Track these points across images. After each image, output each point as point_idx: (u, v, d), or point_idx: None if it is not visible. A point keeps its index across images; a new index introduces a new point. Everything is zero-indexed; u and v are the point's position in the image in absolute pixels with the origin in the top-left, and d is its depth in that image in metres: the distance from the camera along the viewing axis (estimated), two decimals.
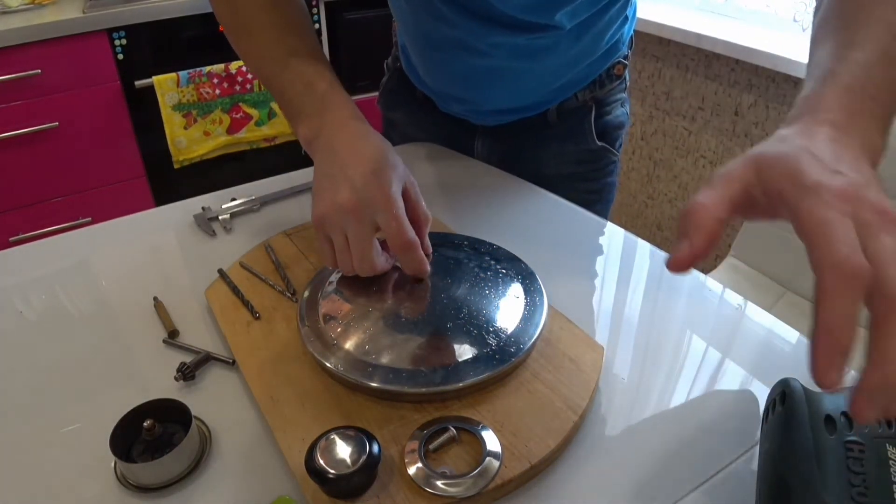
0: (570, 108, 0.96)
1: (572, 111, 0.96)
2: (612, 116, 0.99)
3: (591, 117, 0.96)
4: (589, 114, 0.96)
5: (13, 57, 1.62)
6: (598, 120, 0.97)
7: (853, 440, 0.45)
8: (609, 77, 0.95)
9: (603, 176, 1.03)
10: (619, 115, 1.00)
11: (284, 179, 1.00)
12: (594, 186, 1.03)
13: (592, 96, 0.95)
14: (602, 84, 0.95)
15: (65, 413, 0.60)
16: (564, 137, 0.98)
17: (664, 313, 0.72)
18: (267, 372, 0.62)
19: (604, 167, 1.02)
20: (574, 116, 0.96)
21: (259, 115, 1.93)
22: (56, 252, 0.86)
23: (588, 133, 0.97)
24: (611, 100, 0.98)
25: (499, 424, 0.55)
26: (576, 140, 0.98)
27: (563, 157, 1.00)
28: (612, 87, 0.97)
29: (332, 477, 0.48)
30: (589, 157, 1.00)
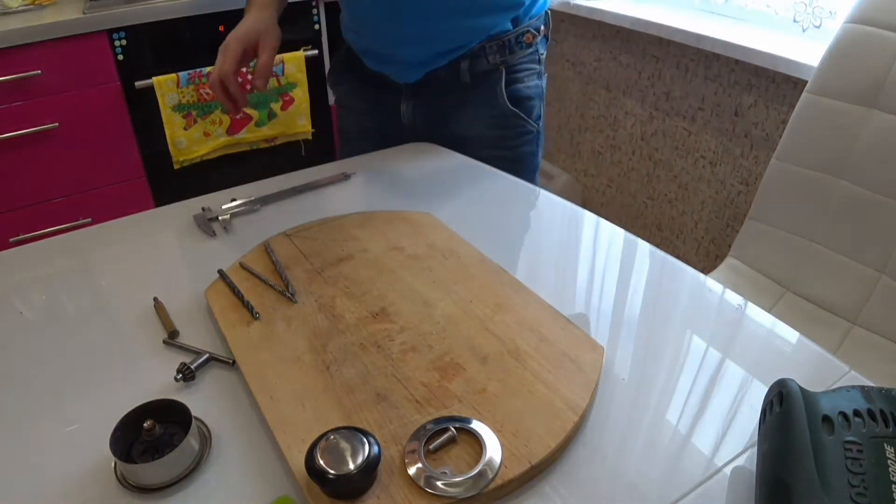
0: (482, 71, 1.03)
1: (485, 74, 1.04)
2: (524, 85, 1.06)
3: (501, 82, 1.04)
4: (500, 78, 1.04)
5: (13, 57, 1.62)
6: (510, 86, 1.05)
7: (851, 440, 0.45)
8: (518, 44, 1.03)
9: (519, 144, 1.10)
10: (533, 87, 1.07)
11: (284, 179, 1.00)
12: (511, 154, 1.09)
13: (503, 60, 1.03)
14: (511, 49, 1.03)
15: (65, 413, 0.60)
16: (479, 101, 1.06)
17: (664, 313, 0.72)
18: (267, 372, 0.62)
19: (520, 135, 1.09)
20: (487, 80, 1.04)
21: (259, 116, 1.93)
22: (56, 252, 0.87)
23: (500, 96, 1.05)
24: (522, 68, 1.05)
25: (499, 424, 0.55)
26: (489, 104, 1.06)
27: (480, 121, 1.07)
28: (522, 56, 1.04)
29: (332, 477, 0.48)
30: (503, 122, 1.07)
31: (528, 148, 1.11)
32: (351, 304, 0.71)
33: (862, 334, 1.13)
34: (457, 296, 0.71)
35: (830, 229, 1.17)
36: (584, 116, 2.16)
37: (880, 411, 0.46)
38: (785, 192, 1.22)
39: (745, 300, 0.73)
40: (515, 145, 1.10)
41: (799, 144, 1.20)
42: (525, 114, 1.08)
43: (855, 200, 1.12)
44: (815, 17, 1.53)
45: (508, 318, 0.68)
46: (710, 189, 1.82)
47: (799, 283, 1.22)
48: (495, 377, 0.60)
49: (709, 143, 1.78)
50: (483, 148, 1.06)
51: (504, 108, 1.06)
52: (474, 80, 1.04)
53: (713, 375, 0.63)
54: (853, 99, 1.12)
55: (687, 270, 0.79)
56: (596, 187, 2.23)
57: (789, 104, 1.54)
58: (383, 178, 1.03)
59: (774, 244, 1.25)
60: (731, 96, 1.68)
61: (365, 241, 0.82)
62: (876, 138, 1.09)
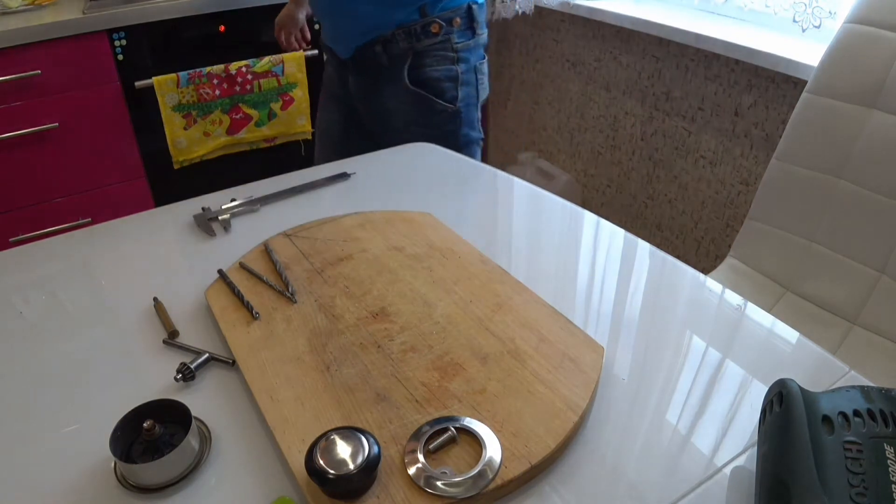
0: (395, 53, 1.20)
1: (397, 57, 1.20)
2: (432, 69, 1.21)
3: (407, 65, 1.20)
4: (406, 61, 1.20)
5: (13, 57, 1.62)
6: (418, 69, 1.20)
7: (851, 440, 0.45)
8: (425, 33, 1.18)
9: (436, 123, 1.24)
10: (442, 70, 1.22)
11: (284, 179, 1.00)
12: (429, 132, 1.22)
13: (411, 47, 1.19)
14: (418, 38, 1.18)
15: (65, 413, 0.60)
16: (394, 79, 1.22)
17: (664, 313, 0.72)
18: (267, 372, 0.62)
19: (433, 113, 1.23)
20: (398, 62, 1.21)
21: (259, 116, 1.93)
22: (56, 252, 0.87)
23: (404, 78, 1.21)
24: (432, 54, 1.20)
25: (499, 424, 0.55)
26: (399, 83, 1.22)
27: (396, 97, 1.24)
28: (431, 44, 1.19)
29: (332, 477, 0.48)
30: (412, 100, 1.23)
31: (447, 127, 1.25)
32: (351, 303, 0.71)
33: (862, 334, 1.13)
34: (457, 296, 0.71)
35: (830, 229, 1.17)
36: (584, 116, 2.16)
37: (880, 411, 0.46)
38: (785, 192, 1.22)
39: (745, 300, 0.73)
40: (431, 123, 1.24)
41: (799, 144, 1.20)
42: (434, 95, 1.22)
43: (855, 200, 1.12)
44: (814, 17, 1.53)
45: (508, 318, 0.68)
46: (710, 189, 1.82)
47: (799, 283, 1.22)
48: (495, 377, 0.60)
49: (709, 143, 1.78)
50: (402, 121, 1.25)
51: (408, 88, 1.22)
52: (391, 61, 1.21)
53: (713, 375, 0.63)
54: (853, 99, 1.12)
55: (687, 270, 0.79)
56: (596, 187, 2.23)
57: (789, 104, 1.54)
58: (383, 178, 1.03)
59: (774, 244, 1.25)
60: (731, 96, 1.68)
61: (365, 241, 0.82)
62: (876, 138, 1.09)
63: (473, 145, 1.30)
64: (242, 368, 0.63)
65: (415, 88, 1.21)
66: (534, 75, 2.30)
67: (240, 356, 0.64)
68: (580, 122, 2.19)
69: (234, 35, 1.86)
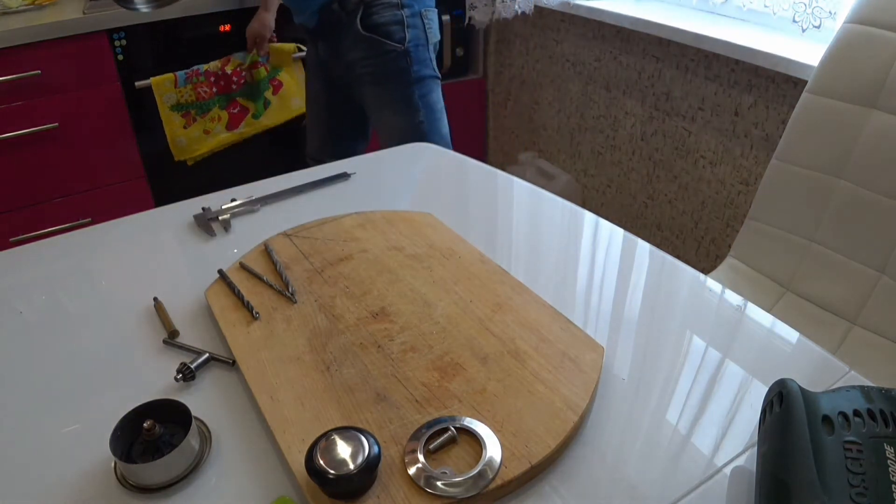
0: (349, 9, 1.42)
1: (351, 11, 1.43)
2: (378, 16, 1.42)
3: (359, 15, 1.42)
4: (357, 12, 1.42)
5: (13, 57, 1.62)
6: (368, 18, 1.42)
7: (851, 440, 0.45)
8: None
9: (386, 61, 1.45)
10: (388, 16, 1.42)
11: (284, 179, 1.00)
12: (381, 69, 1.46)
13: (361, 2, 1.42)
14: None
15: (65, 413, 0.60)
16: (348, 30, 1.45)
17: (664, 313, 0.72)
18: (267, 372, 0.62)
19: (384, 52, 1.44)
20: (352, 15, 1.43)
21: (255, 108, 1.93)
22: (56, 252, 0.87)
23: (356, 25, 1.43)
24: (378, 3, 1.42)
25: (499, 424, 0.55)
26: (352, 31, 1.44)
27: (351, 45, 1.46)
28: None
29: (332, 477, 0.48)
30: (365, 44, 1.44)
31: (397, 64, 1.45)
32: (351, 303, 0.71)
33: (862, 334, 1.13)
34: (457, 296, 0.71)
35: (830, 229, 1.17)
36: (584, 116, 2.16)
37: (880, 411, 0.46)
38: (785, 192, 1.22)
39: (745, 300, 0.73)
40: (382, 62, 1.45)
41: (799, 144, 1.20)
42: (383, 36, 1.43)
43: (855, 200, 1.12)
44: (814, 17, 1.53)
45: (508, 318, 0.68)
46: (710, 189, 1.82)
47: (799, 283, 1.22)
48: (495, 377, 0.60)
49: (709, 143, 1.78)
50: (357, 66, 1.47)
51: (360, 33, 1.43)
52: (347, 16, 1.43)
53: (713, 375, 0.63)
54: (853, 99, 1.12)
55: (687, 270, 0.79)
56: (596, 187, 2.23)
57: (789, 104, 1.54)
58: (383, 178, 1.03)
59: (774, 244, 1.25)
60: (731, 96, 1.68)
61: (365, 241, 0.82)
62: (876, 138, 1.09)
63: (428, 80, 1.50)
64: (242, 368, 0.63)
65: (366, 33, 1.43)
66: (534, 75, 2.30)
67: (240, 356, 0.64)
68: (580, 122, 2.19)
69: (236, 35, 1.86)
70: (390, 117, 1.51)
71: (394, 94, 1.49)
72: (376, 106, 1.52)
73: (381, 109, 1.52)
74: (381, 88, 1.49)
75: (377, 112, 1.53)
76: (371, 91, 1.50)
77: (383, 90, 1.49)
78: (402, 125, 1.50)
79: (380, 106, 1.51)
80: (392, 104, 1.50)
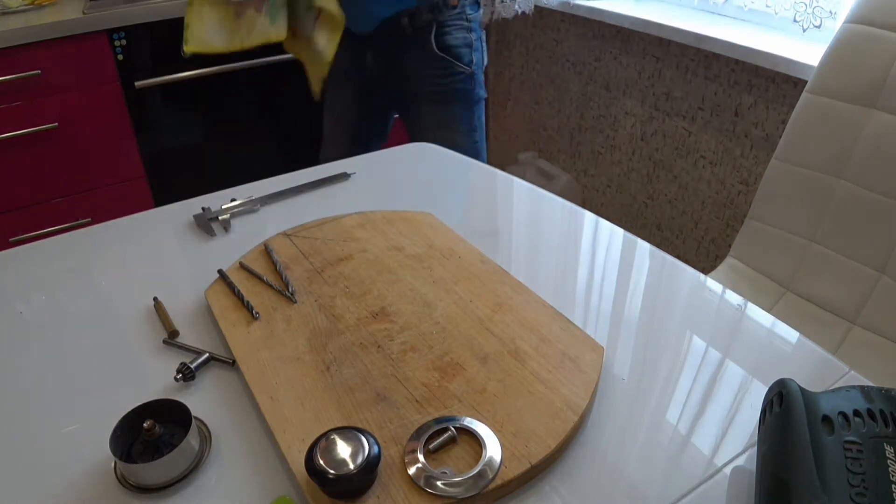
0: (419, 25, 1.37)
1: (421, 27, 1.37)
2: (452, 37, 1.40)
3: (432, 34, 1.38)
4: (431, 31, 1.38)
5: (13, 57, 1.62)
6: (440, 38, 1.39)
7: (851, 440, 0.45)
8: (445, 5, 1.37)
9: (452, 82, 1.43)
10: (460, 38, 1.41)
11: (284, 179, 1.00)
12: (446, 89, 1.44)
13: (433, 18, 1.37)
14: (440, 10, 1.36)
15: (65, 413, 0.60)
16: (418, 46, 1.40)
17: (664, 313, 0.72)
18: (267, 372, 0.62)
19: (451, 74, 1.42)
20: (423, 31, 1.38)
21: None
22: (56, 252, 0.87)
23: (430, 44, 1.39)
24: (450, 24, 1.39)
25: (499, 424, 0.55)
26: (424, 48, 1.40)
27: (418, 62, 1.42)
28: (450, 15, 1.38)
29: (332, 477, 0.48)
30: (435, 63, 1.41)
31: (461, 85, 1.44)
32: (351, 303, 0.71)
33: (862, 334, 1.13)
34: (457, 296, 0.71)
35: (830, 229, 1.17)
36: (584, 116, 2.16)
37: (880, 411, 0.46)
38: (785, 192, 1.22)
39: (745, 300, 0.73)
40: (448, 82, 1.43)
41: (799, 144, 1.20)
42: (454, 58, 1.41)
43: (855, 200, 1.12)
44: (814, 17, 1.53)
45: (508, 318, 0.68)
46: (710, 189, 1.82)
47: (799, 283, 1.22)
48: (495, 377, 0.60)
49: (709, 143, 1.78)
50: (422, 84, 1.44)
51: (433, 53, 1.39)
52: (415, 31, 1.37)
53: (713, 375, 0.63)
54: (853, 99, 1.12)
55: (687, 270, 0.79)
56: (596, 187, 2.23)
57: (789, 104, 1.54)
58: (383, 178, 1.03)
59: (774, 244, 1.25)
60: (731, 96, 1.68)
61: (365, 241, 0.82)
62: (876, 138, 1.09)
63: (482, 102, 1.51)
64: (242, 368, 0.63)
65: (440, 54, 1.39)
66: (534, 75, 2.30)
67: (240, 356, 0.64)
68: (580, 122, 2.19)
69: None
70: (451, 136, 1.48)
71: (456, 114, 1.47)
72: (435, 124, 1.48)
73: (440, 128, 1.47)
74: (444, 108, 1.46)
75: (434, 130, 1.47)
76: (431, 109, 1.47)
77: (446, 110, 1.47)
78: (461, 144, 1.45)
79: (439, 125, 1.48)
80: (454, 124, 1.48)
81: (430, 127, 1.50)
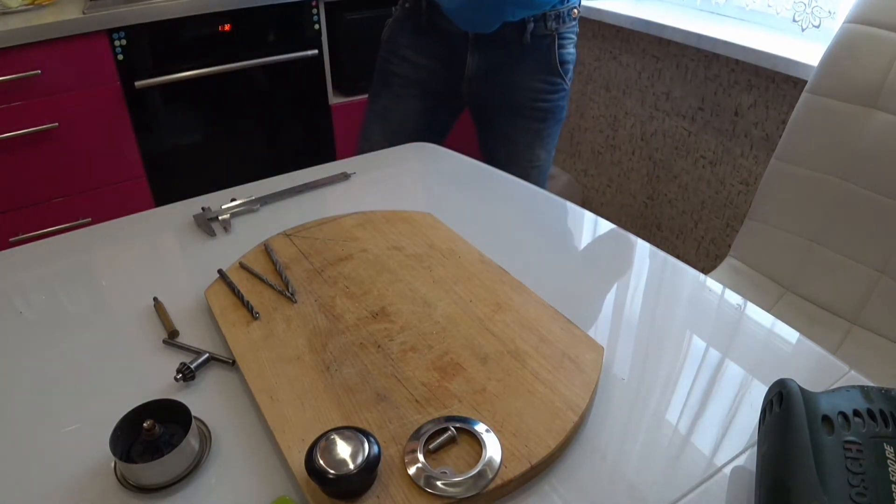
0: (539, 35, 1.26)
1: (541, 37, 1.26)
2: (566, 51, 1.31)
3: (555, 45, 1.28)
4: (553, 42, 1.28)
5: (13, 57, 1.62)
6: (560, 50, 1.29)
7: (851, 440, 0.45)
8: (569, 16, 1.27)
9: (556, 98, 1.34)
10: (570, 52, 1.32)
11: (284, 179, 1.00)
12: (548, 105, 1.34)
13: (556, 28, 1.26)
14: (563, 20, 1.26)
15: (65, 413, 0.60)
16: (535, 58, 1.29)
17: (664, 313, 0.72)
18: (267, 372, 0.62)
19: (557, 90, 1.33)
20: (541, 42, 1.27)
21: None
22: (56, 252, 0.87)
23: (553, 57, 1.29)
24: (567, 36, 1.29)
25: (499, 424, 0.55)
26: (543, 62, 1.29)
27: (531, 75, 1.30)
28: (568, 27, 1.28)
29: (332, 477, 0.48)
30: (548, 79, 1.31)
31: (561, 102, 1.35)
32: (351, 303, 0.71)
33: (862, 334, 1.13)
34: (457, 296, 0.71)
35: (830, 229, 1.17)
36: (584, 116, 2.16)
37: (880, 411, 0.46)
38: (785, 192, 1.22)
39: (745, 300, 0.73)
40: (553, 98, 1.33)
41: (799, 144, 1.20)
42: (565, 74, 1.32)
43: (855, 200, 1.12)
44: (814, 16, 1.53)
45: (508, 318, 0.68)
46: (710, 189, 1.82)
47: (799, 283, 1.22)
48: (495, 377, 0.60)
49: (709, 143, 1.78)
50: (529, 98, 1.32)
51: (554, 68, 1.30)
52: (533, 42, 1.25)
53: (713, 375, 0.63)
54: (853, 99, 1.12)
55: (687, 270, 0.79)
56: (596, 187, 2.23)
57: (789, 104, 1.54)
58: (383, 178, 1.03)
59: (774, 244, 1.25)
60: (731, 96, 1.68)
61: (365, 241, 0.82)
62: (876, 138, 1.09)
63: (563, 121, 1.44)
64: (242, 368, 0.63)
65: (559, 67, 1.30)
66: None
67: (240, 356, 0.64)
68: (580, 122, 2.19)
69: (236, 35, 1.86)
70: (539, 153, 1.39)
71: (550, 131, 1.38)
72: (527, 140, 1.37)
73: (530, 146, 1.37)
74: (544, 125, 1.35)
75: (524, 146, 1.38)
76: (526, 126, 1.35)
77: (544, 127, 1.36)
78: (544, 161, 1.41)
79: (531, 141, 1.36)
80: (545, 142, 1.38)
81: (521, 142, 1.37)
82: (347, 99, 2.09)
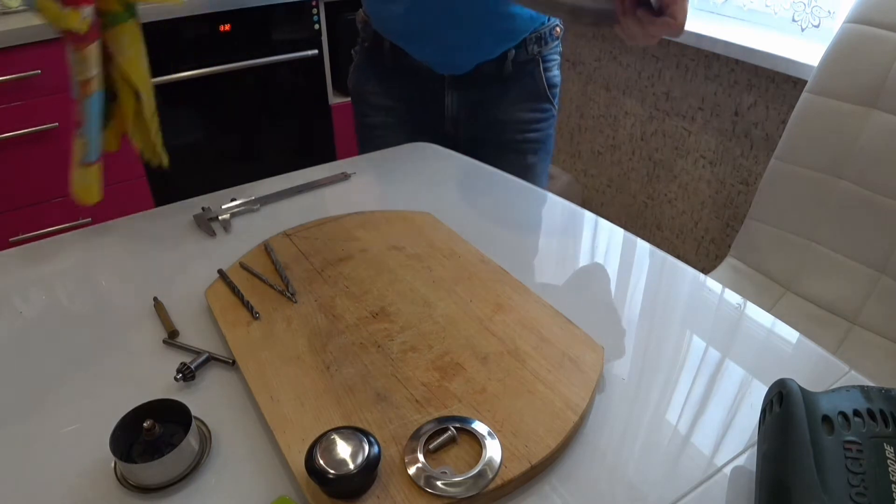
0: (522, 61, 1.12)
1: (523, 64, 1.13)
2: (551, 74, 1.17)
3: (540, 69, 1.14)
4: (538, 66, 1.14)
5: (13, 57, 1.62)
6: (545, 73, 1.16)
7: (851, 440, 0.45)
8: (551, 36, 1.13)
9: (546, 127, 1.21)
10: (556, 75, 1.18)
11: (284, 179, 1.00)
12: (540, 136, 1.20)
13: (539, 51, 1.12)
14: (546, 41, 1.13)
15: (65, 413, 0.60)
16: (519, 88, 1.15)
17: (664, 313, 0.72)
18: (267, 372, 0.62)
19: (548, 118, 1.20)
20: (524, 69, 1.13)
21: None
22: (56, 252, 0.87)
23: (540, 83, 1.16)
24: (551, 58, 1.16)
25: (499, 424, 0.55)
26: (528, 90, 1.16)
27: (517, 107, 1.17)
28: (551, 47, 1.15)
29: (332, 477, 0.48)
30: (537, 107, 1.18)
31: (550, 131, 1.22)
32: (351, 303, 0.71)
33: (862, 334, 1.13)
34: (457, 296, 0.71)
35: (830, 229, 1.17)
36: (584, 116, 2.16)
37: (880, 411, 0.47)
38: (785, 192, 1.22)
39: (745, 300, 0.73)
40: (543, 128, 1.20)
41: (799, 144, 1.20)
42: (553, 98, 1.19)
43: (855, 200, 1.12)
44: (813, 16, 1.53)
45: (508, 318, 0.68)
46: (710, 189, 1.82)
47: (799, 283, 1.22)
48: (495, 377, 0.60)
49: (709, 143, 1.78)
50: (518, 131, 1.18)
51: (542, 94, 1.16)
52: (515, 70, 1.13)
53: (713, 375, 0.63)
54: (853, 99, 1.12)
55: (687, 270, 0.79)
56: (596, 187, 2.23)
57: (789, 104, 1.54)
58: (383, 178, 1.03)
59: (774, 244, 1.25)
60: (731, 96, 1.68)
61: (365, 241, 0.82)
62: (876, 138, 1.09)
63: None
64: (242, 368, 0.63)
65: (547, 94, 1.17)
66: None
67: (240, 356, 0.64)
68: (580, 122, 2.19)
69: (236, 35, 1.86)
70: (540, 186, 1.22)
71: (544, 166, 1.24)
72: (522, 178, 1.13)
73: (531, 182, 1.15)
74: (536, 158, 1.21)
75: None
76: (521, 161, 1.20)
77: (537, 161, 1.22)
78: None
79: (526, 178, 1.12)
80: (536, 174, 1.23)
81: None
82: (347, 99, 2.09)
